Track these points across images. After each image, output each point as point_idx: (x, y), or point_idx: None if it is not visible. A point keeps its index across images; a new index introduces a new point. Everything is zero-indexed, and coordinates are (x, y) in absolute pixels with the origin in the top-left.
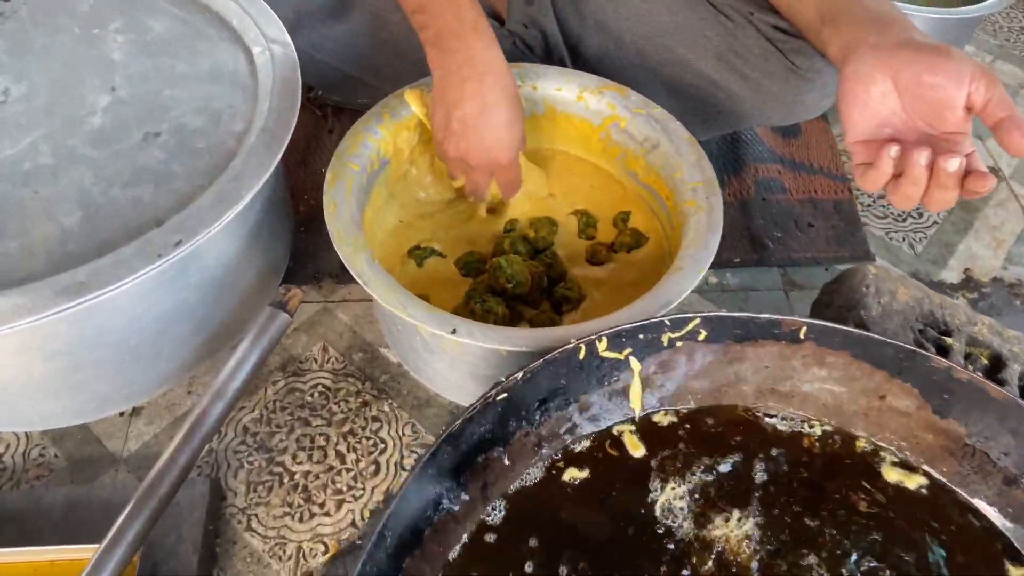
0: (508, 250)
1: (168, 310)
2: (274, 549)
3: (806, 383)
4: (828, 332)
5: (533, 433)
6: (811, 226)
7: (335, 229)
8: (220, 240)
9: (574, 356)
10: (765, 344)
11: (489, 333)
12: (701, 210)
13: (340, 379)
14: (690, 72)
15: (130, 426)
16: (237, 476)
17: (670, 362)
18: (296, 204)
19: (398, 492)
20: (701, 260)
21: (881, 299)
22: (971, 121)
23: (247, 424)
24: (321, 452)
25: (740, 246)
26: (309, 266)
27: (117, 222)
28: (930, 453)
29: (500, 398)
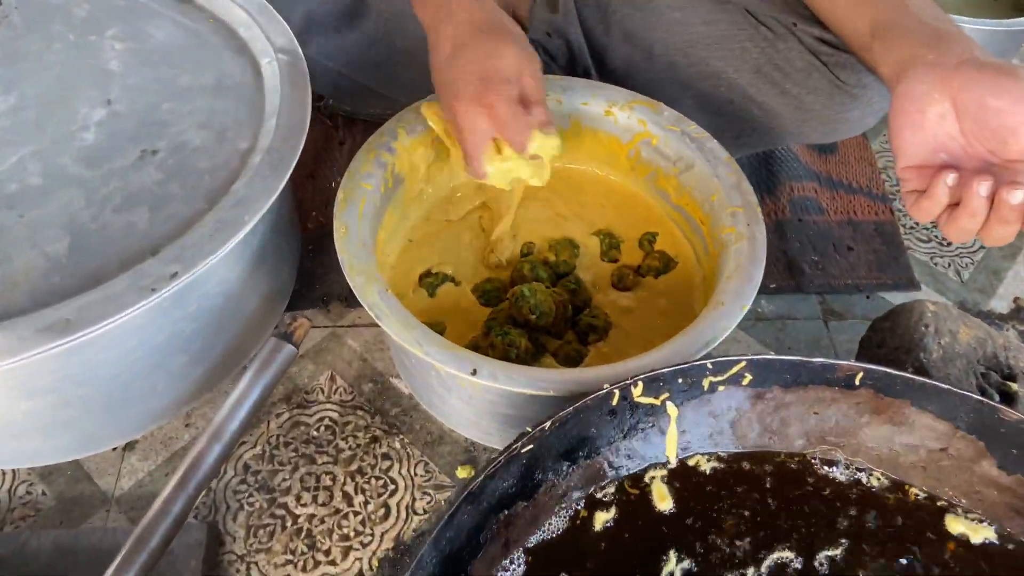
0: (528, 276)
1: (163, 343)
2: None
3: (859, 431)
4: (887, 379)
5: (560, 484)
6: (851, 250)
7: (346, 257)
8: (221, 267)
9: (606, 402)
10: (816, 389)
11: (513, 375)
12: (743, 239)
13: (348, 412)
14: (725, 86)
15: (123, 461)
16: (236, 519)
17: (711, 407)
18: (304, 221)
19: (414, 562)
20: (744, 295)
21: (942, 340)
22: None
23: (248, 461)
24: (327, 493)
25: (776, 271)
26: (317, 288)
27: (108, 251)
28: (994, 511)
29: (526, 450)
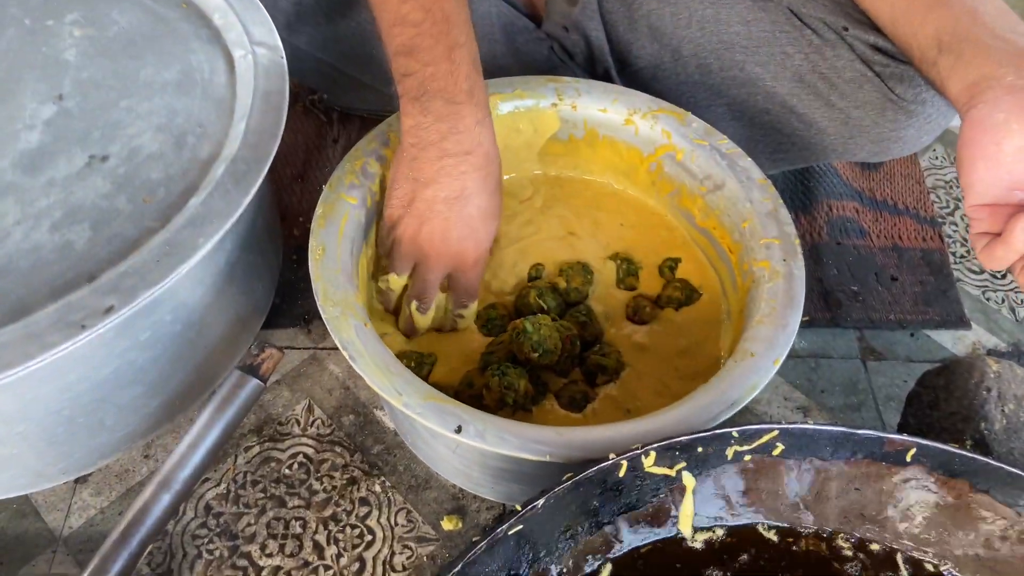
0: (534, 304)
1: (110, 375)
2: None
3: (906, 515)
4: (944, 457)
5: (555, 564)
6: (894, 280)
7: (320, 284)
8: (179, 291)
9: (612, 474)
10: (860, 464)
11: (504, 435)
12: (778, 276)
13: (325, 448)
14: (762, 95)
15: (74, 496)
16: (194, 568)
17: (733, 477)
18: (289, 227)
19: None
20: (778, 345)
21: (1006, 407)
22: None
23: (210, 501)
24: (296, 542)
25: (809, 301)
26: (299, 304)
27: (39, 276)
28: None
29: (513, 532)
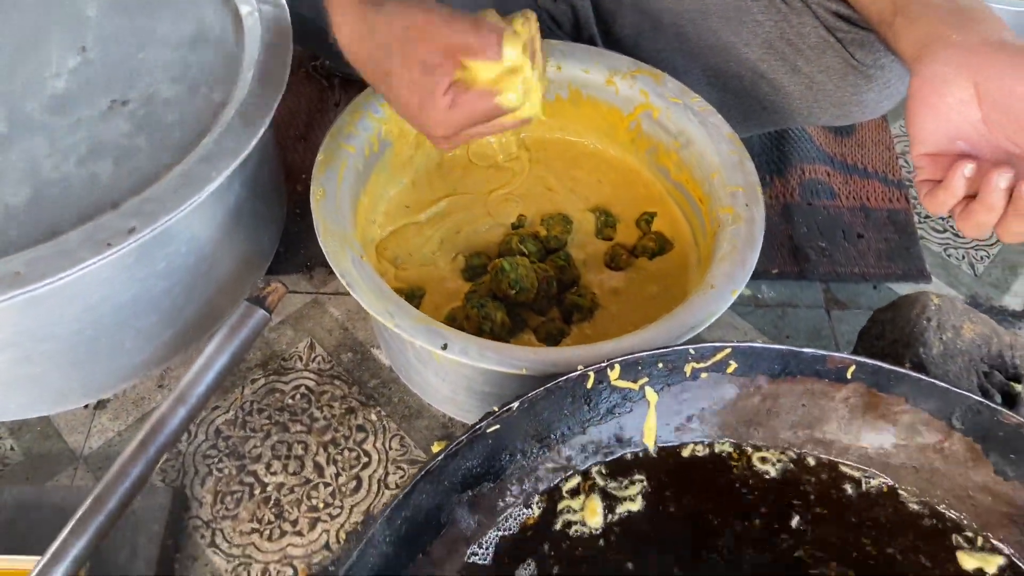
0: (515, 249)
1: (129, 300)
2: (238, 570)
3: (849, 429)
4: (881, 373)
5: (529, 468)
6: (860, 237)
7: (320, 222)
8: (192, 225)
9: (580, 385)
10: (805, 381)
11: (485, 352)
12: (740, 220)
13: (325, 381)
14: (734, 60)
15: (94, 420)
16: (204, 484)
17: (692, 394)
18: (292, 183)
19: (363, 541)
20: (736, 279)
21: (944, 335)
22: None
23: (220, 426)
24: (298, 462)
25: (779, 256)
26: (301, 252)
27: (68, 203)
28: (986, 518)
29: (491, 430)
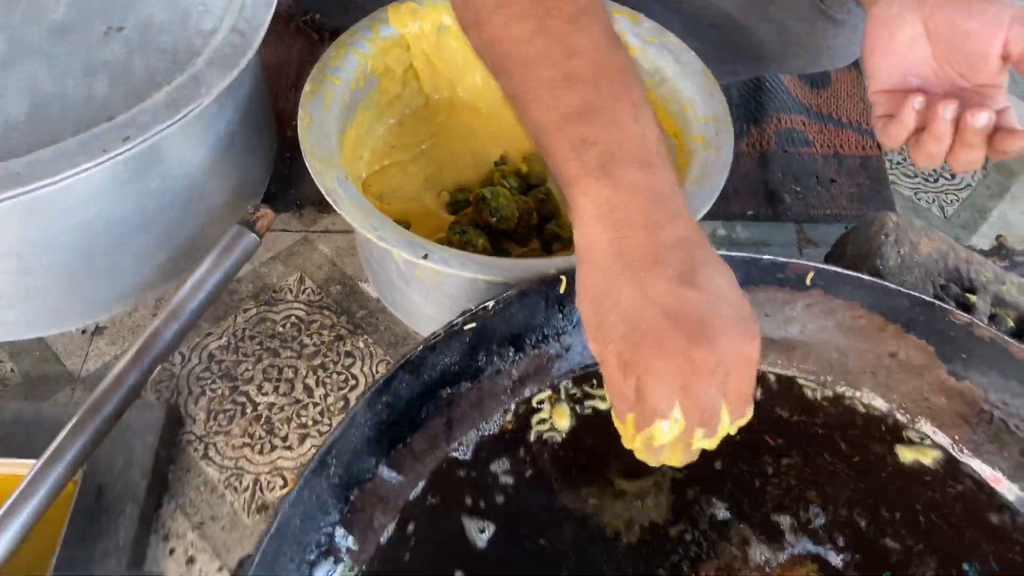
0: (497, 183)
1: (124, 218)
2: (230, 480)
3: (810, 335)
4: (838, 279)
5: (505, 371)
6: (833, 182)
7: (307, 146)
8: (182, 146)
9: (554, 289)
10: (767, 289)
11: (464, 261)
12: (710, 147)
13: (315, 311)
14: (711, 9)
15: (91, 345)
16: (198, 403)
17: None
18: (283, 129)
19: (346, 417)
20: (704, 199)
21: (901, 249)
22: (1007, 73)
23: (213, 351)
24: (288, 384)
25: (755, 199)
26: (291, 193)
27: (66, 116)
28: (942, 418)
29: (468, 327)
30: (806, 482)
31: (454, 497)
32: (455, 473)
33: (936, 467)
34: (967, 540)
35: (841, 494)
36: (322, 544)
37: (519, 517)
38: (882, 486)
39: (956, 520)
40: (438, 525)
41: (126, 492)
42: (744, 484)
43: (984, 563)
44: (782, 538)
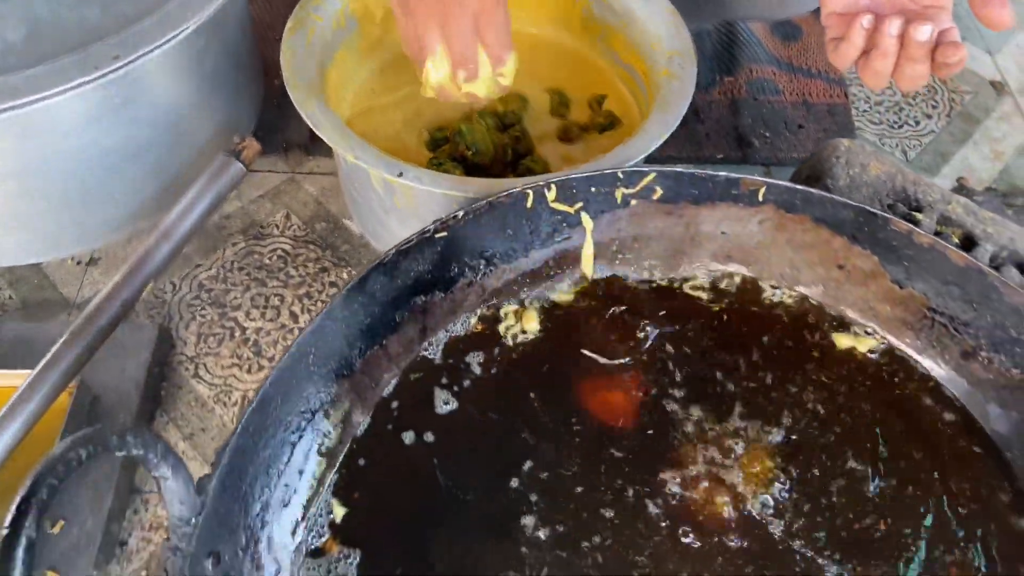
0: (475, 121)
1: (117, 145)
2: (219, 396)
3: (765, 250)
4: (787, 193)
5: (477, 284)
6: (801, 127)
7: (289, 75)
8: (170, 76)
9: (521, 203)
10: (723, 206)
11: (437, 179)
12: (675, 78)
13: (300, 246)
14: None
15: (86, 275)
16: (189, 327)
17: (625, 223)
18: (271, 78)
19: (323, 311)
20: (668, 124)
21: (851, 170)
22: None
23: (203, 281)
24: (275, 311)
25: (725, 143)
26: (278, 137)
27: (61, 39)
28: (888, 326)
29: (439, 236)
30: (764, 378)
31: (424, 393)
32: (426, 370)
33: (876, 356)
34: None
35: (792, 380)
36: (302, 428)
37: (486, 400)
38: (828, 373)
39: (896, 409)
40: (409, 422)
41: (120, 403)
42: (701, 376)
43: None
44: (730, 416)
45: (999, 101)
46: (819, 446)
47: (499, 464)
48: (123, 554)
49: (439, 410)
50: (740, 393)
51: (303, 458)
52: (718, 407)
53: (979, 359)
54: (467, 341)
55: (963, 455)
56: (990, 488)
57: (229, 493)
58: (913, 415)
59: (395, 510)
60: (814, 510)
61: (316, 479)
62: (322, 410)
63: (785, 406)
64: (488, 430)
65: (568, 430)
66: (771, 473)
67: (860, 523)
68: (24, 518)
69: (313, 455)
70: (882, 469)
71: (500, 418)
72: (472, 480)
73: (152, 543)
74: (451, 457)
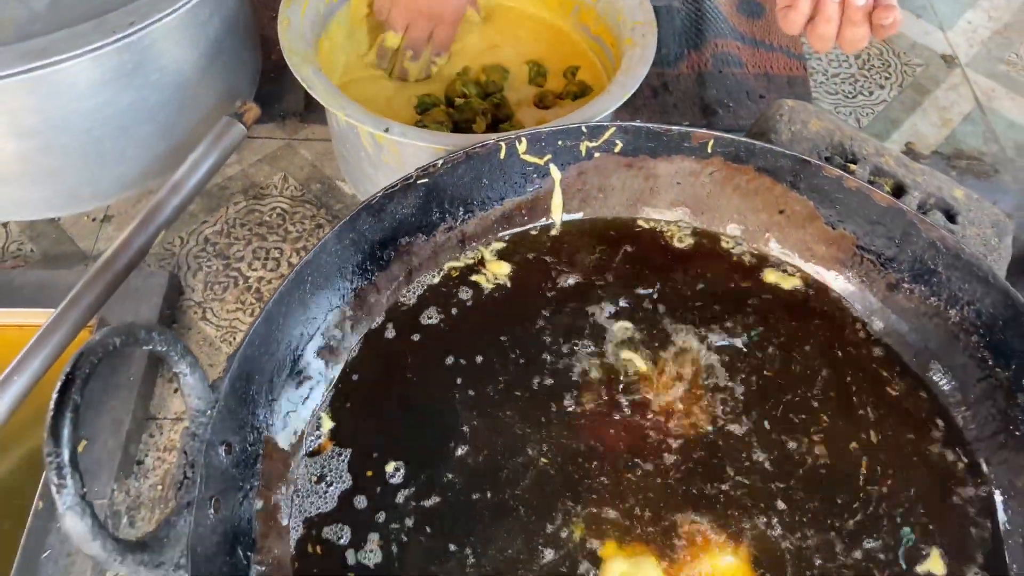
0: (459, 90)
1: (129, 106)
2: (225, 336)
3: (715, 200)
4: (733, 145)
5: (456, 229)
6: (762, 97)
7: (286, 42)
8: (178, 44)
9: (495, 154)
10: (677, 159)
11: (420, 134)
12: (636, 46)
13: (297, 205)
14: None
15: (100, 230)
16: (196, 276)
17: (589, 174)
18: (268, 53)
19: (318, 244)
20: (627, 86)
21: (793, 127)
22: None
23: (208, 235)
24: (275, 262)
25: (691, 112)
26: (275, 107)
27: (81, 8)
28: (824, 264)
29: (420, 182)
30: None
31: (409, 323)
32: (410, 305)
33: (812, 291)
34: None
35: (732, 316)
36: (301, 346)
37: (463, 329)
38: (768, 308)
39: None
40: (394, 352)
41: None
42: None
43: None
44: (668, 337)
45: (949, 73)
46: (755, 368)
47: (465, 376)
48: (140, 471)
49: (419, 339)
50: (684, 317)
51: (302, 369)
52: (655, 325)
53: (902, 290)
54: (449, 281)
55: (887, 381)
56: (905, 404)
57: (238, 394)
58: (844, 344)
59: (380, 418)
60: (744, 420)
61: (311, 390)
62: (319, 331)
63: (724, 330)
64: (462, 352)
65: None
66: (703, 386)
67: (791, 440)
68: (71, 386)
69: (310, 369)
70: (817, 393)
71: (475, 343)
72: (440, 391)
73: (166, 462)
74: (429, 375)
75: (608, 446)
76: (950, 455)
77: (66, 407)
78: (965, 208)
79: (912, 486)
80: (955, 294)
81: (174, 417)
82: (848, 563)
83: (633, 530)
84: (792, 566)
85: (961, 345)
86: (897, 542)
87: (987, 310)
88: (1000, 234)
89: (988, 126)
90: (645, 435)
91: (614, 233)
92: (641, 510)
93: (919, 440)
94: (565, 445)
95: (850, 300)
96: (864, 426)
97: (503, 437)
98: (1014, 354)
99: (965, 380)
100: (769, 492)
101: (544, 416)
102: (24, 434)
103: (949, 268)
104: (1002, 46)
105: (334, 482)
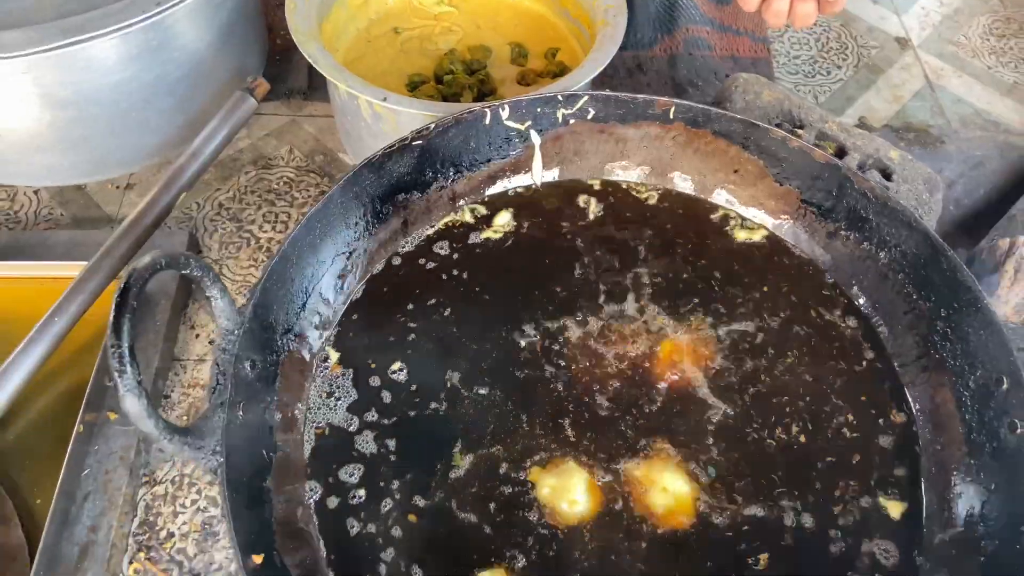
0: (446, 68)
1: (153, 80)
2: (240, 289)
3: (679, 161)
4: (692, 111)
5: (447, 188)
6: (728, 77)
7: (293, 23)
8: (195, 25)
9: (481, 120)
10: (644, 124)
11: (414, 103)
12: (608, 26)
13: (303, 174)
14: None
15: (124, 196)
16: (212, 237)
17: (565, 138)
18: (273, 38)
19: (325, 197)
20: (599, 61)
21: (747, 97)
22: None
23: (222, 201)
24: (283, 225)
25: (663, 91)
26: (281, 87)
27: None
28: (773, 215)
29: (415, 143)
30: (674, 258)
31: (405, 271)
32: (406, 255)
33: (766, 242)
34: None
35: (694, 265)
36: (311, 285)
37: (454, 277)
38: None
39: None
40: (395, 289)
41: (160, 291)
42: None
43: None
44: (642, 284)
45: (902, 54)
46: (714, 310)
47: (456, 311)
48: (167, 404)
49: (416, 281)
50: (659, 274)
51: (313, 304)
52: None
53: (840, 237)
54: (441, 235)
55: (833, 322)
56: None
57: (260, 319)
58: (794, 286)
59: (380, 351)
60: (706, 346)
61: (322, 322)
62: (327, 272)
63: (691, 281)
64: (447, 295)
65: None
66: (665, 319)
67: (743, 369)
68: (128, 293)
69: (320, 305)
70: (766, 328)
71: (464, 287)
72: (433, 327)
73: (191, 397)
74: (423, 313)
75: (575, 376)
76: (879, 375)
77: (125, 308)
78: (900, 167)
79: (844, 400)
80: (884, 238)
81: (196, 359)
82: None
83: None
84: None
85: (890, 283)
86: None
87: (911, 251)
88: (931, 190)
89: (936, 102)
90: (606, 371)
91: (588, 191)
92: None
93: (851, 362)
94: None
95: (797, 245)
96: (805, 351)
97: (487, 360)
98: (934, 288)
99: (893, 312)
100: (705, 403)
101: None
102: (64, 370)
103: (879, 215)
104: (952, 28)
105: (342, 397)
